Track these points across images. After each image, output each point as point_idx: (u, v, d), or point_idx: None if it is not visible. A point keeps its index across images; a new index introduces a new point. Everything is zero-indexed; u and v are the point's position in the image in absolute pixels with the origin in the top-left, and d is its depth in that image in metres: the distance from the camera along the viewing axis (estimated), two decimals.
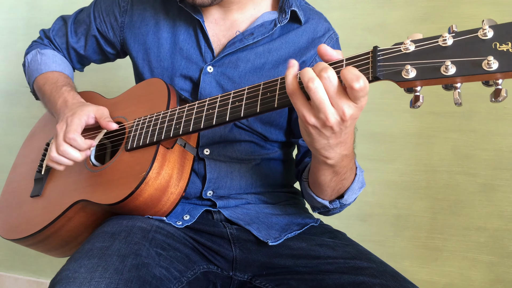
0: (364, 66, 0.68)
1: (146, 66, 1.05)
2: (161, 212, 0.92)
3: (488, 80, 0.62)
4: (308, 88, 0.67)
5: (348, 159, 0.81)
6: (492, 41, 0.60)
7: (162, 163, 0.89)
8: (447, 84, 0.64)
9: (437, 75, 0.62)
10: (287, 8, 0.99)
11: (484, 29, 0.61)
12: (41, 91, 1.13)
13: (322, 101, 0.67)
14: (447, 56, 0.62)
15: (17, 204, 1.11)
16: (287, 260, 0.91)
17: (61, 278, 0.71)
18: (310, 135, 0.73)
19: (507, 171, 1.43)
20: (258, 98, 0.79)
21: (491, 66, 0.59)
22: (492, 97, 0.62)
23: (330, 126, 0.69)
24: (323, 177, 0.85)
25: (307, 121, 0.70)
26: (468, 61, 0.61)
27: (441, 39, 0.63)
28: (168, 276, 0.79)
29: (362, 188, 0.92)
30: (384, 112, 1.51)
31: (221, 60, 0.99)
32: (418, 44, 0.65)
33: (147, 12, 1.07)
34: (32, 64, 1.18)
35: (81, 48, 1.17)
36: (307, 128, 0.72)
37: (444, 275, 1.52)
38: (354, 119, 0.70)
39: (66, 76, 1.15)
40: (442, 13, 1.44)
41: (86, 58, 1.20)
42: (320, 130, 0.71)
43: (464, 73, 0.61)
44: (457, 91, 0.63)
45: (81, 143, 0.94)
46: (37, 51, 1.18)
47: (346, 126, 0.70)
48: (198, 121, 0.86)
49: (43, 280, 2.06)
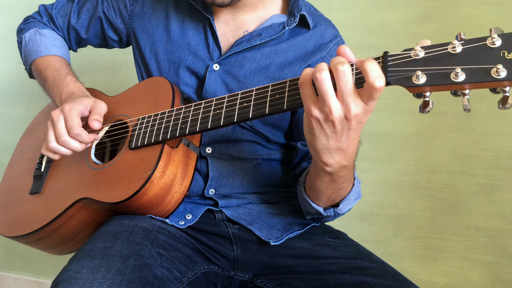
0: None
1: (152, 58, 1.05)
2: (165, 211, 0.92)
3: (495, 87, 0.64)
4: (315, 78, 0.67)
5: (347, 170, 0.81)
6: (500, 49, 0.62)
7: (167, 162, 0.89)
8: (456, 90, 0.66)
9: (447, 82, 0.64)
10: (297, 12, 0.99)
11: (493, 37, 0.62)
12: (42, 76, 1.11)
13: (326, 93, 0.67)
14: (457, 63, 0.64)
15: (15, 201, 1.10)
16: (289, 260, 0.92)
17: (63, 278, 0.71)
18: (311, 130, 0.72)
19: (507, 171, 1.43)
20: (267, 99, 0.79)
21: (500, 74, 0.61)
22: (500, 104, 0.63)
23: (332, 121, 0.69)
24: (320, 183, 0.84)
25: (311, 112, 0.70)
26: (478, 68, 0.62)
27: (451, 46, 0.65)
28: (169, 277, 0.79)
29: (357, 199, 0.92)
30: (384, 112, 1.51)
31: (228, 58, 0.99)
32: (428, 51, 0.66)
33: (158, 4, 1.07)
34: (30, 44, 1.15)
35: (83, 30, 1.16)
36: (310, 122, 0.71)
37: (444, 275, 1.52)
38: (359, 122, 0.69)
39: (67, 62, 1.14)
40: (442, 13, 1.44)
41: (86, 40, 1.18)
42: (322, 125, 0.70)
43: (473, 80, 0.63)
44: (466, 97, 0.65)
45: (85, 137, 0.93)
46: (36, 31, 1.15)
47: (349, 127, 0.69)
48: (205, 121, 0.86)
49: (43, 280, 2.05)
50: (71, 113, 0.93)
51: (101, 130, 1.00)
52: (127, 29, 1.10)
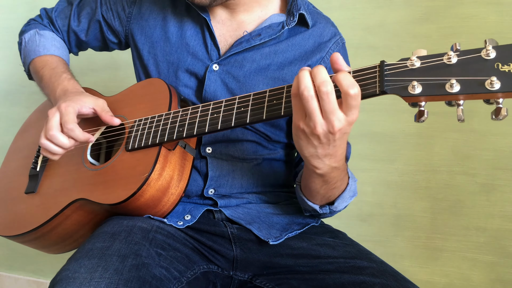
0: (371, 79, 0.70)
1: (151, 60, 1.05)
2: (161, 212, 0.92)
3: (489, 98, 0.65)
4: (302, 96, 0.69)
5: (338, 171, 0.82)
6: (494, 61, 0.63)
7: (163, 165, 0.89)
8: (450, 100, 0.67)
9: (442, 92, 0.65)
10: (296, 11, 0.99)
11: (488, 49, 0.63)
12: (39, 75, 1.11)
13: (313, 111, 0.70)
14: (452, 74, 0.65)
15: (10, 200, 1.09)
16: (288, 260, 0.92)
17: (61, 278, 0.71)
18: (299, 140, 0.75)
19: (507, 171, 1.43)
20: (264, 104, 0.80)
21: (494, 86, 0.62)
22: (493, 115, 0.64)
23: (317, 135, 0.72)
24: (313, 184, 0.86)
25: (298, 124, 0.73)
26: (472, 80, 0.63)
27: (446, 57, 0.66)
28: (168, 276, 0.79)
29: (353, 197, 0.94)
30: (384, 112, 1.51)
31: (227, 59, 0.99)
32: (424, 61, 0.67)
33: (156, 5, 1.07)
34: (29, 44, 1.16)
35: (82, 33, 1.16)
36: (297, 132, 0.74)
37: (444, 275, 1.52)
38: (344, 133, 0.72)
39: (65, 62, 1.14)
40: (442, 13, 1.44)
41: (86, 43, 1.19)
42: (308, 137, 0.73)
43: (468, 91, 0.64)
44: (460, 108, 0.66)
45: (79, 134, 0.93)
46: (36, 31, 1.16)
47: (335, 139, 0.72)
48: (203, 124, 0.86)
49: (43, 280, 2.06)
50: (67, 109, 0.93)
51: (97, 131, 0.99)
52: (125, 31, 1.10)
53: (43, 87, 1.11)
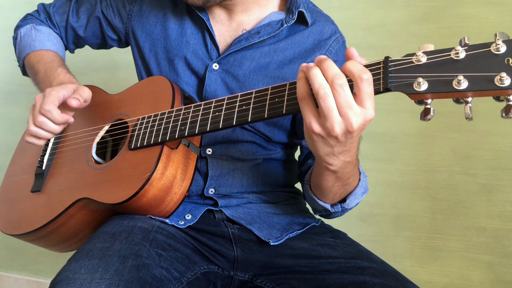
0: (375, 76, 0.67)
1: (152, 57, 1.05)
2: (164, 212, 0.92)
3: (499, 95, 0.62)
4: (318, 94, 0.66)
5: (351, 166, 0.81)
6: (505, 56, 0.60)
7: (166, 164, 0.89)
8: (458, 98, 0.64)
9: (449, 89, 0.62)
10: (295, 9, 0.99)
11: (498, 44, 0.60)
12: (34, 69, 1.10)
13: (330, 110, 0.66)
14: (460, 70, 0.62)
15: (17, 198, 1.09)
16: (288, 260, 0.91)
17: (61, 278, 0.71)
18: (314, 143, 0.72)
19: (507, 171, 1.43)
20: (266, 103, 0.78)
21: (504, 83, 0.59)
22: (503, 112, 0.61)
23: (335, 136, 0.68)
24: (326, 182, 0.85)
25: (313, 129, 0.69)
26: (481, 76, 0.60)
27: (453, 52, 0.62)
28: (168, 277, 0.79)
29: (365, 193, 0.92)
30: (384, 112, 1.51)
31: (226, 58, 0.99)
32: (430, 56, 0.64)
33: (156, 2, 1.07)
34: (25, 39, 1.15)
35: (80, 29, 1.15)
36: (311, 135, 0.71)
37: (444, 275, 1.52)
38: (361, 130, 0.69)
39: (60, 57, 1.13)
40: (442, 13, 1.44)
41: (83, 40, 1.18)
42: (325, 139, 0.70)
43: (476, 88, 0.60)
44: (468, 105, 0.62)
45: (56, 115, 0.91)
46: (32, 26, 1.15)
47: (353, 136, 0.69)
48: (204, 123, 0.85)
49: (43, 280, 2.06)
50: (51, 93, 0.91)
51: (102, 129, 0.99)
52: (126, 29, 1.10)
53: (38, 82, 1.10)
